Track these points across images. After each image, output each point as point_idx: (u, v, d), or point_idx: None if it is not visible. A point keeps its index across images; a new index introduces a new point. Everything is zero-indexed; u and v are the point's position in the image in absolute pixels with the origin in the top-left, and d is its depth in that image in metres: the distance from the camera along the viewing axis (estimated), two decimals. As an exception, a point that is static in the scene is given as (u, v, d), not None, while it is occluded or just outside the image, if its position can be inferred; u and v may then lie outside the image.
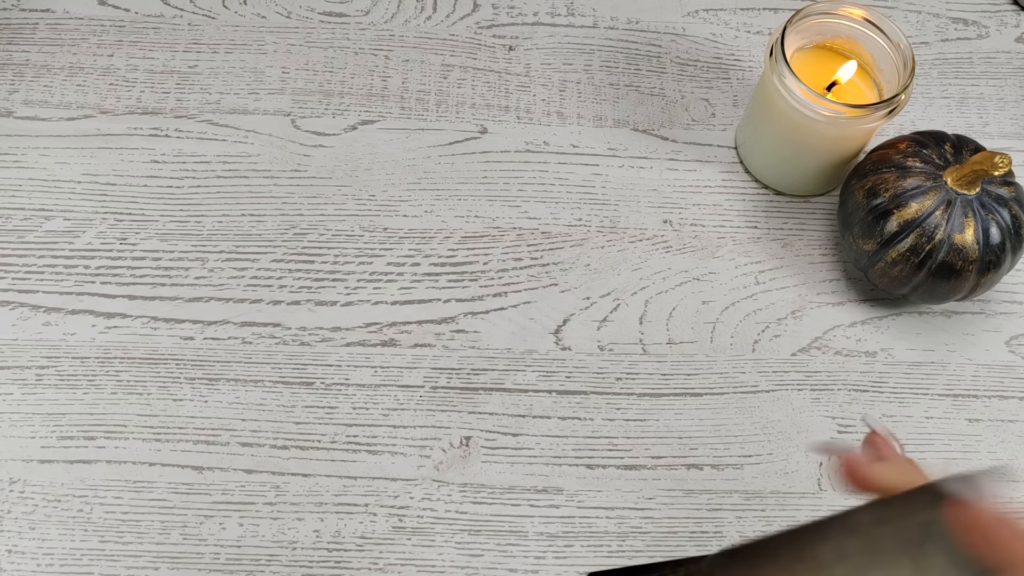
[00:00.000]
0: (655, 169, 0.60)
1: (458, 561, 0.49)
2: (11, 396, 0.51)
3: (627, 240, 0.57)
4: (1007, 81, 0.64)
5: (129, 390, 0.52)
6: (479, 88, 0.62)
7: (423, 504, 0.50)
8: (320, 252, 0.56)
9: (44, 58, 0.61)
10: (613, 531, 0.50)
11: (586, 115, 0.61)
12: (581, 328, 0.55)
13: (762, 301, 0.56)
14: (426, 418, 0.52)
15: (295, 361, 0.53)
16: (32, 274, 0.55)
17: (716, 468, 0.51)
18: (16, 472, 0.50)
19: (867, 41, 0.55)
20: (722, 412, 0.53)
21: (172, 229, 0.56)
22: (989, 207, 0.50)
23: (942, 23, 0.66)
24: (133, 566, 0.48)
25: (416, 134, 0.60)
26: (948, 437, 0.53)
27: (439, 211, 0.58)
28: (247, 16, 0.64)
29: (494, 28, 0.64)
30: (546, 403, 0.53)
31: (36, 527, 0.48)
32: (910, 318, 0.56)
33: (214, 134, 0.59)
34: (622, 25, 0.65)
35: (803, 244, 0.58)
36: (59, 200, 0.57)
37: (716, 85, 0.63)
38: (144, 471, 0.50)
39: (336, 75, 0.62)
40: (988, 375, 0.54)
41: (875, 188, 0.51)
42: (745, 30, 0.65)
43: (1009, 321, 0.56)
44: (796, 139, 0.55)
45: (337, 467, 0.50)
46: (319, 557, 0.48)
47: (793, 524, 0.27)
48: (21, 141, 0.58)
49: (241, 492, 0.50)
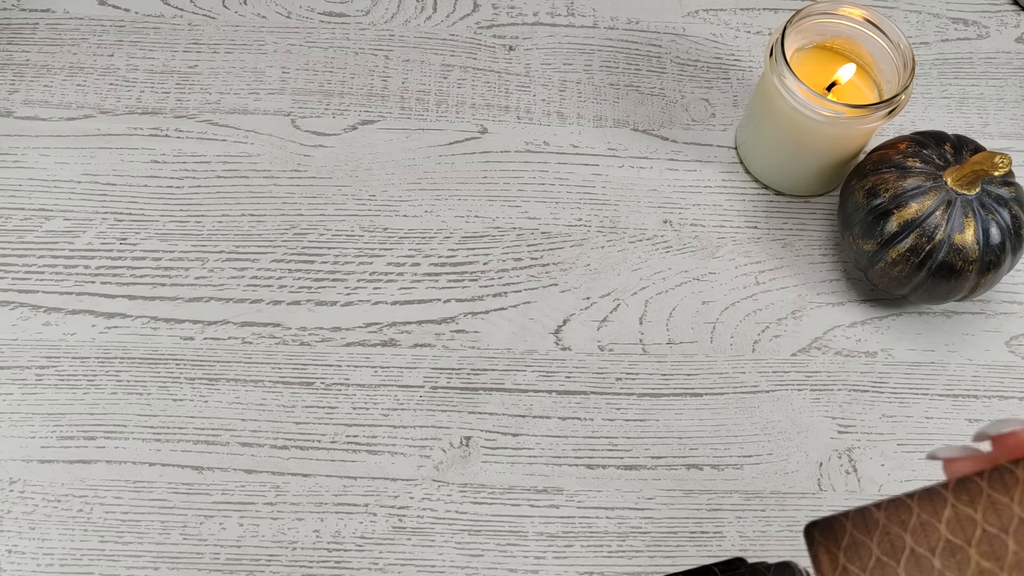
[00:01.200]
0: (655, 169, 0.60)
1: (458, 561, 0.49)
2: (11, 396, 0.51)
3: (627, 240, 0.57)
4: (1007, 81, 0.64)
5: (129, 390, 0.52)
6: (479, 88, 0.62)
7: (423, 504, 0.50)
8: (320, 252, 0.56)
9: (44, 58, 0.61)
10: (613, 531, 0.50)
11: (586, 115, 0.61)
12: (581, 328, 0.55)
13: (762, 301, 0.56)
14: (426, 418, 0.52)
15: (295, 361, 0.53)
16: (32, 274, 0.55)
17: (716, 468, 0.51)
18: (16, 472, 0.50)
19: (867, 41, 0.55)
20: (722, 412, 0.53)
21: (172, 229, 0.56)
22: (989, 207, 0.50)
23: (942, 23, 0.66)
24: (133, 566, 0.48)
25: (416, 134, 0.60)
26: (948, 437, 0.53)
27: (439, 211, 0.58)
28: (247, 16, 0.64)
29: (494, 28, 0.64)
30: (546, 403, 0.53)
31: (36, 527, 0.48)
32: (910, 318, 0.56)
33: (214, 134, 0.59)
34: (622, 25, 0.65)
35: (803, 244, 0.58)
36: (59, 200, 0.57)
37: (716, 85, 0.63)
38: (144, 471, 0.50)
39: (336, 75, 0.62)
40: (988, 375, 0.54)
41: (875, 188, 0.51)
42: (745, 30, 0.65)
43: (1009, 321, 0.56)
44: (796, 139, 0.55)
45: (337, 467, 0.50)
46: (319, 557, 0.48)
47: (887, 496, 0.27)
48: (21, 141, 0.58)
49: (241, 492, 0.50)
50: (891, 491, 0.51)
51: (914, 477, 0.52)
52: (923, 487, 0.27)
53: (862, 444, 0.52)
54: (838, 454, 0.52)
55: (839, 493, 0.51)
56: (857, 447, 0.52)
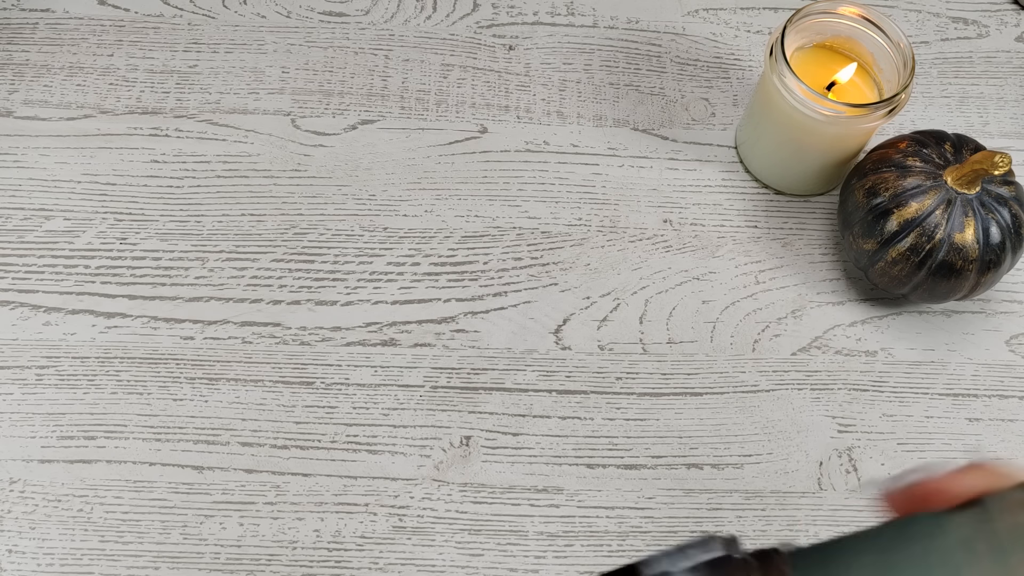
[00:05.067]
0: (655, 169, 0.60)
1: (458, 561, 0.49)
2: (11, 396, 0.51)
3: (627, 240, 0.57)
4: (1007, 80, 0.64)
5: (129, 390, 0.52)
6: (479, 88, 0.62)
7: (423, 504, 0.50)
8: (320, 252, 0.56)
9: (44, 58, 0.61)
10: (613, 531, 0.50)
11: (586, 115, 0.61)
12: (581, 328, 0.55)
13: (762, 301, 0.56)
14: (426, 418, 0.52)
15: (295, 361, 0.53)
16: (32, 274, 0.55)
17: (716, 468, 0.51)
18: (16, 472, 0.50)
19: (867, 40, 0.55)
20: (722, 412, 0.53)
21: (172, 229, 0.56)
22: (989, 206, 0.50)
23: (942, 22, 0.66)
24: (133, 566, 0.48)
25: (416, 134, 0.60)
26: (948, 437, 0.53)
27: (439, 211, 0.58)
28: (247, 16, 0.64)
29: (494, 28, 0.64)
30: (546, 403, 0.53)
31: (36, 527, 0.48)
32: (910, 317, 0.56)
33: (214, 134, 0.59)
34: (622, 25, 0.65)
35: (803, 244, 0.58)
36: (59, 200, 0.57)
37: (716, 85, 0.63)
38: (144, 471, 0.50)
39: (336, 75, 0.62)
40: (988, 374, 0.54)
41: (875, 187, 0.51)
42: (745, 30, 0.65)
43: (1009, 320, 0.56)
44: (796, 139, 0.55)
45: (337, 467, 0.50)
46: (319, 557, 0.48)
47: (863, 528, 0.26)
48: (21, 141, 0.58)
49: (241, 492, 0.50)
50: (891, 490, 0.51)
51: (914, 476, 0.52)
52: None
53: (862, 443, 0.52)
54: (838, 453, 0.52)
55: (839, 492, 0.51)
56: (857, 446, 0.52)
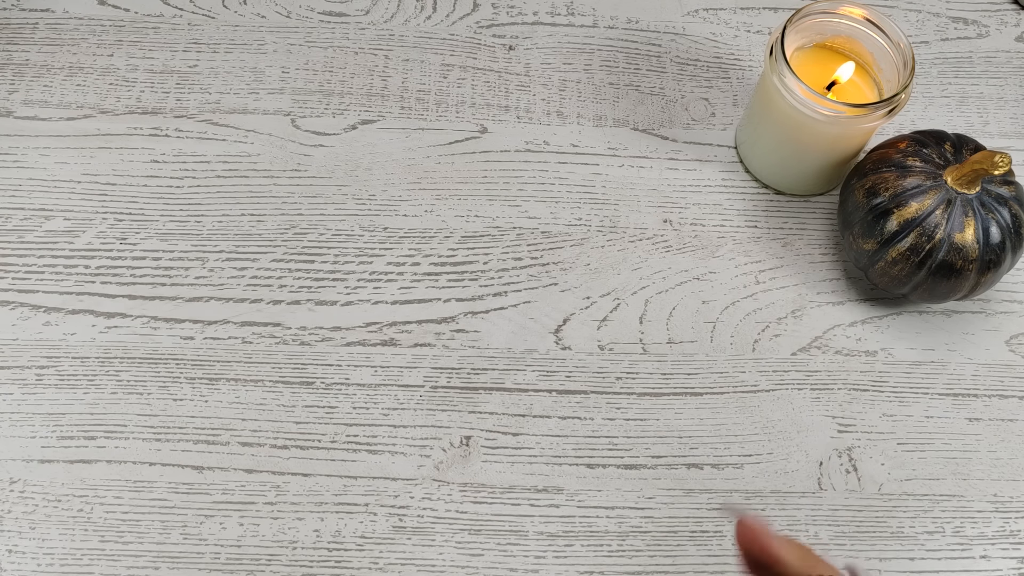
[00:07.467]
0: (655, 169, 0.60)
1: (458, 561, 0.49)
2: (11, 396, 0.51)
3: (627, 240, 0.57)
4: (1007, 80, 0.64)
5: (129, 390, 0.52)
6: (479, 88, 0.62)
7: (423, 504, 0.50)
8: (320, 252, 0.56)
9: (44, 58, 0.61)
10: (613, 531, 0.50)
11: (586, 115, 0.61)
12: (581, 328, 0.55)
13: (762, 300, 0.56)
14: (426, 418, 0.52)
15: (295, 361, 0.53)
16: (32, 274, 0.55)
17: (716, 467, 0.51)
18: (16, 472, 0.50)
19: (867, 40, 0.55)
20: (722, 412, 0.53)
21: (172, 229, 0.56)
22: (989, 206, 0.50)
23: (942, 22, 0.66)
24: (133, 566, 0.48)
25: (416, 134, 0.60)
26: (948, 436, 0.53)
27: (439, 211, 0.58)
28: (247, 16, 0.64)
29: (494, 28, 0.64)
30: (546, 403, 0.53)
31: (36, 527, 0.48)
32: (910, 317, 0.56)
33: (214, 134, 0.59)
34: (622, 25, 0.65)
35: (803, 244, 0.58)
36: (59, 200, 0.57)
37: (716, 85, 0.63)
38: (144, 471, 0.50)
39: (336, 75, 0.62)
40: (988, 374, 0.54)
41: (875, 187, 0.51)
42: (745, 30, 0.65)
43: (1009, 320, 0.56)
44: (796, 138, 0.55)
45: (337, 467, 0.50)
46: (319, 557, 0.48)
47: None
48: (21, 141, 0.58)
49: (241, 492, 0.50)
50: (891, 490, 0.51)
51: (914, 476, 0.52)
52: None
53: (862, 443, 0.52)
54: (838, 453, 0.52)
55: (839, 492, 0.51)
56: (857, 446, 0.52)
